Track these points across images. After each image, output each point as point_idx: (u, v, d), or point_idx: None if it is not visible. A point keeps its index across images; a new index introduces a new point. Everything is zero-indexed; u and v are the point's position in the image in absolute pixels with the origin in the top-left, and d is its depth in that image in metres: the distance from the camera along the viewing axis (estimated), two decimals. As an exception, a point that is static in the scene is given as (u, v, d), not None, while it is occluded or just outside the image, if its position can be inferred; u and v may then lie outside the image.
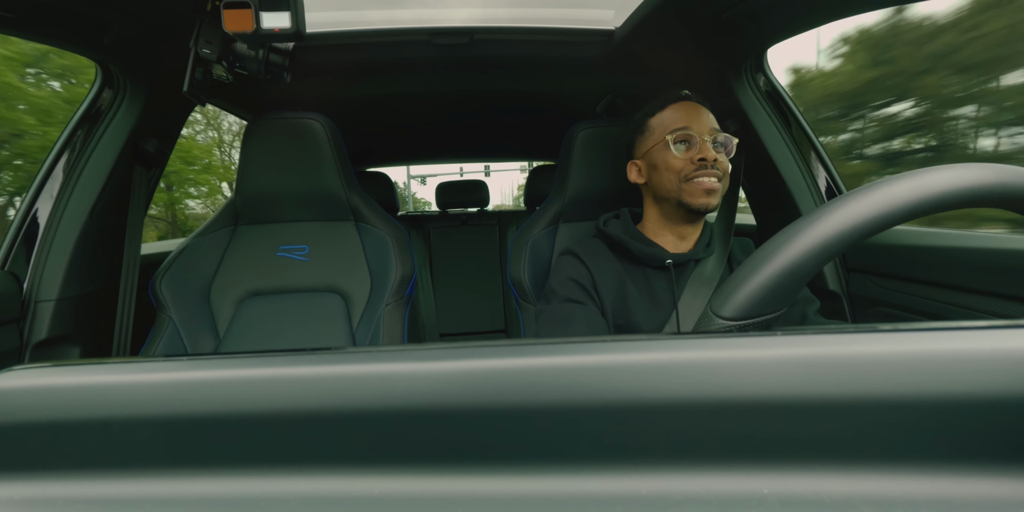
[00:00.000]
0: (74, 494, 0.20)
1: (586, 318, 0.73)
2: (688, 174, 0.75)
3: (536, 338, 0.25)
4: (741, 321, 0.30)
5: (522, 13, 1.09)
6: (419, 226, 2.22)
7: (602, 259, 0.80)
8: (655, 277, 0.79)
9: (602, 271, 0.79)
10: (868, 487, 0.18)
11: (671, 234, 0.81)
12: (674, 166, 0.76)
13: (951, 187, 0.28)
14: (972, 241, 0.80)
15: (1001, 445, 0.18)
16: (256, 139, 1.05)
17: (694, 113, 0.79)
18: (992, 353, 0.19)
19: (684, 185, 0.75)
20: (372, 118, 1.70)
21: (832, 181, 1.10)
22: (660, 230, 0.82)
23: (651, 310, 0.77)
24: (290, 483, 0.20)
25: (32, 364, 0.24)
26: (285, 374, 0.22)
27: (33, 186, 0.98)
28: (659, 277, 0.79)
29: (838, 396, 0.19)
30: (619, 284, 0.78)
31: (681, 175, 0.76)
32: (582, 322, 0.73)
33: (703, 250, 0.80)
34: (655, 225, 0.83)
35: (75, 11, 0.79)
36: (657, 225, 0.82)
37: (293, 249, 1.10)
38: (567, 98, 1.56)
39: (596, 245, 0.83)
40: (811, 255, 0.29)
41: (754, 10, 0.89)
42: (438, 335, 2.12)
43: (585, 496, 0.19)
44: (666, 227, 0.81)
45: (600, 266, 0.79)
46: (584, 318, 0.73)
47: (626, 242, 0.80)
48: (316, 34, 1.05)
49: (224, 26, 0.69)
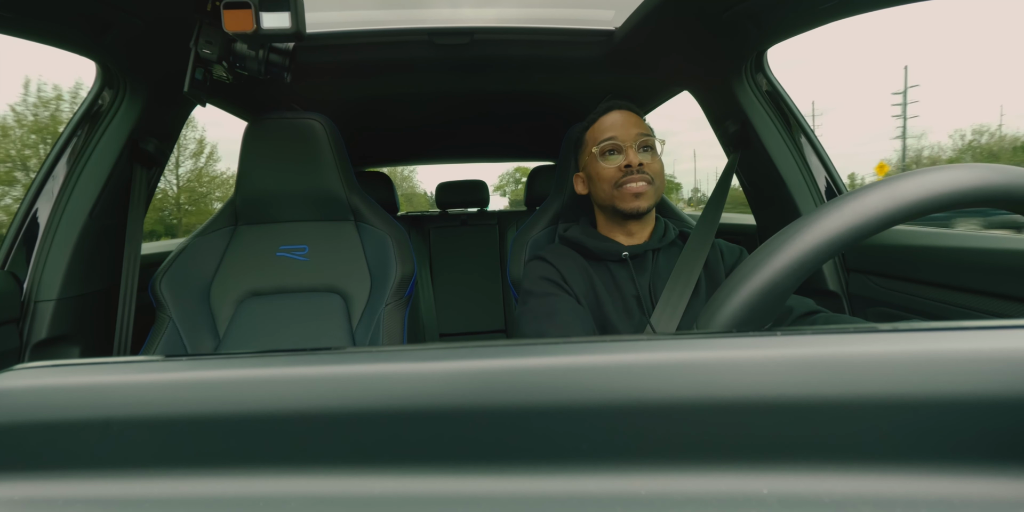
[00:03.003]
0: (74, 494, 0.20)
1: (569, 308, 0.76)
2: (618, 181, 0.81)
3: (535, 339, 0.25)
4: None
5: (522, 13, 1.09)
6: (419, 226, 2.22)
7: (567, 259, 0.85)
8: (617, 270, 0.83)
9: (569, 269, 0.83)
10: (868, 487, 0.18)
11: (622, 233, 0.87)
12: (604, 175, 0.83)
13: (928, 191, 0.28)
14: (972, 241, 0.81)
15: (1001, 445, 0.18)
16: (256, 139, 1.05)
17: (619, 122, 0.84)
18: (992, 353, 0.19)
19: (615, 192, 0.82)
20: (372, 118, 1.70)
21: (832, 181, 1.10)
22: (612, 231, 0.88)
23: (619, 301, 0.81)
24: (290, 483, 0.20)
25: (32, 364, 0.23)
26: (285, 374, 0.22)
27: (33, 186, 0.98)
28: (620, 270, 0.83)
29: (838, 396, 0.19)
30: (586, 280, 0.83)
31: (612, 183, 0.82)
32: (567, 312, 0.75)
33: (658, 241, 0.85)
34: (606, 228, 0.89)
35: (75, 11, 0.79)
36: (607, 228, 0.89)
37: (293, 249, 1.10)
38: (567, 98, 1.56)
39: (559, 248, 0.89)
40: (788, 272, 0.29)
41: (754, 10, 0.89)
42: (438, 335, 2.12)
43: (585, 496, 0.19)
44: (616, 228, 0.87)
45: (567, 265, 0.84)
46: (567, 308, 0.76)
47: (584, 241, 0.86)
48: (316, 34, 1.05)
49: (224, 26, 0.69)
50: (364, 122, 1.73)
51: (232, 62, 0.84)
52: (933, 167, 0.30)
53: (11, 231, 0.97)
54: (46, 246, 0.96)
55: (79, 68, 31.84)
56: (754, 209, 1.27)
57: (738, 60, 1.07)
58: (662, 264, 0.84)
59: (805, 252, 0.29)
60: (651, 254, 0.84)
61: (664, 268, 0.83)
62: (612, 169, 0.82)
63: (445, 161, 2.73)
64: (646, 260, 0.84)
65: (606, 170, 0.82)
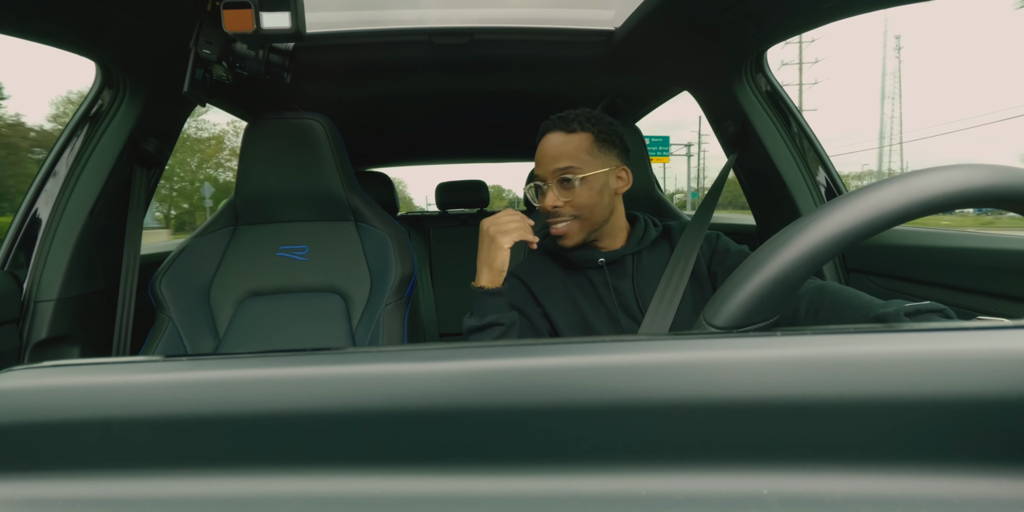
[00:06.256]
0: (74, 494, 0.20)
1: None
2: (548, 218, 0.80)
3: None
4: (734, 330, 0.30)
5: (522, 13, 1.09)
6: (419, 226, 2.22)
7: (543, 272, 0.85)
8: (595, 276, 0.82)
9: (542, 284, 0.83)
10: (868, 487, 0.18)
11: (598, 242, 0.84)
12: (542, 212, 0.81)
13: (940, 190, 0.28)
14: (971, 241, 0.81)
15: (1001, 445, 0.18)
16: (256, 139, 1.05)
17: (541, 154, 0.80)
18: (992, 353, 0.19)
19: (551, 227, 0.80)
20: (372, 118, 1.70)
21: (832, 181, 1.10)
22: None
23: (601, 308, 0.80)
24: (290, 483, 0.20)
25: (32, 364, 0.24)
26: (285, 374, 0.22)
27: (33, 186, 0.98)
28: (597, 276, 0.82)
29: (838, 396, 0.19)
30: (564, 290, 0.82)
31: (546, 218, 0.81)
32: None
33: (636, 244, 0.83)
34: None
35: (75, 11, 0.79)
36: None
37: (293, 249, 1.10)
38: (567, 98, 1.56)
39: (535, 261, 0.88)
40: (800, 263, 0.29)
41: (754, 10, 0.89)
42: (438, 335, 2.12)
43: (585, 496, 0.19)
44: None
45: (540, 280, 0.84)
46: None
47: (558, 250, 0.84)
48: (316, 34, 1.05)
49: (224, 26, 0.69)
50: (364, 122, 1.73)
51: (232, 62, 0.84)
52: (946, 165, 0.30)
53: (11, 231, 0.97)
54: (46, 246, 0.96)
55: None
56: (754, 209, 1.27)
57: (738, 60, 1.07)
58: (646, 264, 0.82)
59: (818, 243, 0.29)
60: (631, 257, 0.83)
61: (649, 267, 0.82)
62: (542, 207, 0.80)
63: (445, 161, 2.73)
64: (625, 264, 0.82)
65: (540, 207, 0.81)
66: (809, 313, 0.61)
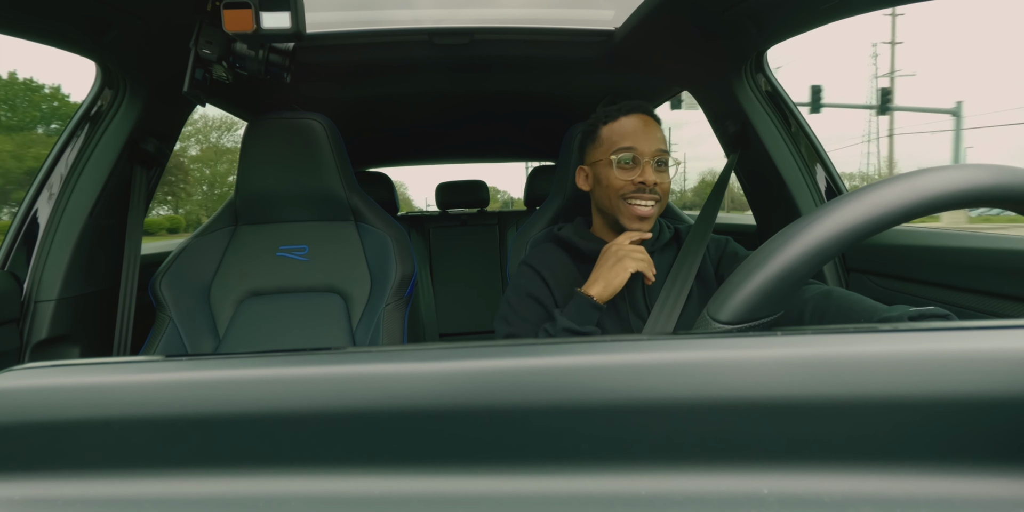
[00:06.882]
0: (74, 494, 0.20)
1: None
2: (626, 194, 0.78)
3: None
4: (738, 325, 0.30)
5: (522, 13, 1.09)
6: (419, 226, 2.21)
7: (556, 264, 0.84)
8: None
9: (556, 276, 0.83)
10: (868, 487, 0.18)
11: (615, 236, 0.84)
12: (614, 185, 0.79)
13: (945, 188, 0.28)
14: (972, 241, 0.80)
15: (1001, 445, 0.18)
16: (256, 139, 1.05)
17: (642, 131, 0.79)
18: (992, 353, 0.19)
19: (621, 205, 0.79)
20: (372, 118, 1.70)
21: (832, 181, 1.10)
22: (606, 233, 0.86)
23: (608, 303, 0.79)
24: (290, 483, 0.20)
25: (32, 364, 0.24)
26: (285, 374, 0.22)
27: (33, 186, 0.98)
28: None
29: (838, 396, 0.19)
30: (572, 281, 0.82)
31: (620, 195, 0.78)
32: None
33: (651, 244, 0.83)
34: (601, 231, 0.87)
35: (75, 11, 0.79)
36: (603, 231, 0.87)
37: (293, 249, 1.10)
38: (567, 98, 1.56)
39: (549, 250, 0.87)
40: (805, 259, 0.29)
41: (754, 10, 0.89)
42: (438, 335, 2.12)
43: (585, 496, 0.19)
44: (610, 233, 0.85)
45: (554, 272, 0.83)
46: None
47: (575, 241, 0.84)
48: (316, 34, 1.05)
49: (224, 26, 0.69)
50: (364, 122, 1.73)
51: (232, 62, 0.84)
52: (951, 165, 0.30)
53: (11, 231, 0.97)
54: (46, 246, 0.96)
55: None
56: (754, 209, 1.27)
57: (738, 60, 1.07)
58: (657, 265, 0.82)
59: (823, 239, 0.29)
60: None
61: (659, 269, 0.82)
62: (624, 181, 0.78)
63: (445, 161, 2.72)
64: None
65: (617, 180, 0.78)
66: (814, 318, 0.61)
